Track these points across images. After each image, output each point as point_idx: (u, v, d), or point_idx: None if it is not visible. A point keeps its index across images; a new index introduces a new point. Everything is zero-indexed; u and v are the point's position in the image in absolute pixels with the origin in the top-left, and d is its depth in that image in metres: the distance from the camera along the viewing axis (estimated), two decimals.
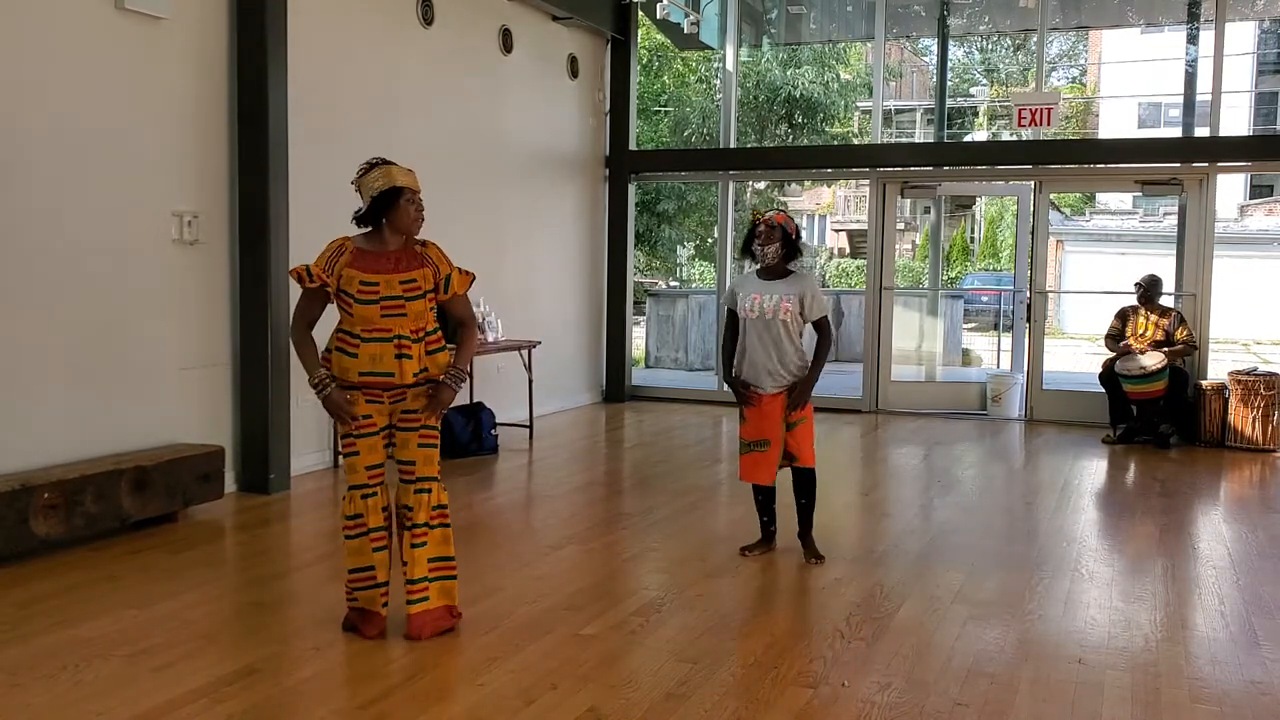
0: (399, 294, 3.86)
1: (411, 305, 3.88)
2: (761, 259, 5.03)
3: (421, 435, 3.97)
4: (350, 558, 4.00)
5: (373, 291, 3.84)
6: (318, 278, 3.88)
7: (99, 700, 3.41)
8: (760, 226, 5.02)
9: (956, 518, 6.15)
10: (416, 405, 3.95)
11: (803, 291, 4.99)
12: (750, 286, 5.08)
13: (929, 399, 10.35)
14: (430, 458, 3.99)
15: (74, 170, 5.46)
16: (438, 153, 8.15)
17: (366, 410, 3.93)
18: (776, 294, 4.99)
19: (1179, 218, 9.81)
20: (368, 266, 3.86)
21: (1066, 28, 22.03)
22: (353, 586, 4.02)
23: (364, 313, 3.84)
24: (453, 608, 4.09)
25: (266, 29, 6.22)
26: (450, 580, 4.07)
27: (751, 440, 5.07)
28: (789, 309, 4.96)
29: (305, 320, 3.96)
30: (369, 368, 3.86)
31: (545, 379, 9.19)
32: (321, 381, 3.87)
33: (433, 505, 3.99)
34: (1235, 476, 7.68)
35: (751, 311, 5.01)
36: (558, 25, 9.79)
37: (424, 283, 3.91)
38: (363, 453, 3.94)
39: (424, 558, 3.97)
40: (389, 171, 3.87)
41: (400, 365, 3.86)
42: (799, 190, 26.55)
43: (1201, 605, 4.63)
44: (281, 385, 6.41)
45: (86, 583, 4.62)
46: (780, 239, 4.99)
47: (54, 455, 5.35)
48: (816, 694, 3.56)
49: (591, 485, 7.06)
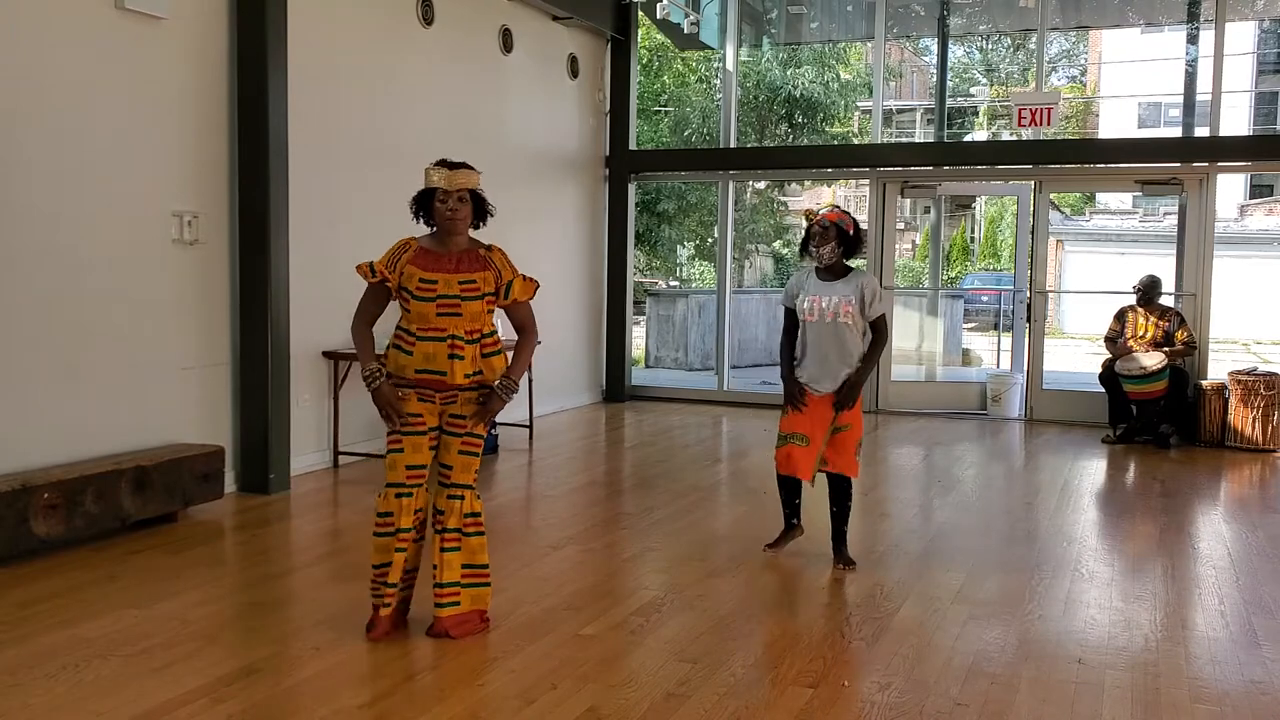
0: (456, 293, 3.87)
1: (468, 306, 3.88)
2: (819, 260, 4.91)
3: (464, 443, 3.97)
4: (375, 554, 3.99)
5: (430, 289, 3.86)
6: (380, 273, 3.92)
7: (99, 700, 3.41)
8: (814, 227, 4.87)
9: (956, 518, 6.15)
10: (465, 411, 3.96)
11: (862, 290, 4.88)
12: (810, 287, 4.96)
13: (929, 399, 10.36)
14: (468, 465, 3.99)
15: (74, 170, 5.46)
16: (437, 153, 8.04)
17: (417, 409, 3.93)
18: (836, 295, 4.88)
19: (1179, 218, 9.81)
20: (429, 265, 3.89)
21: (1066, 28, 22.02)
22: (375, 582, 4.02)
23: (420, 310, 3.86)
24: (484, 613, 4.09)
25: (266, 29, 6.22)
26: (484, 588, 4.06)
27: (788, 432, 4.96)
28: (849, 310, 4.85)
29: (366, 315, 4.02)
30: (423, 365, 3.88)
31: (545, 379, 9.19)
32: (372, 375, 3.89)
33: (465, 512, 3.98)
34: (1235, 476, 7.68)
35: (811, 315, 4.91)
36: (558, 25, 9.79)
37: (483, 285, 3.92)
38: (406, 450, 3.94)
39: (457, 563, 3.97)
40: (427, 172, 3.94)
41: (452, 365, 3.87)
42: (799, 190, 26.55)
43: (1201, 605, 4.63)
44: (281, 385, 6.41)
45: (87, 583, 4.62)
46: (836, 237, 4.85)
47: (54, 455, 5.35)
48: (816, 694, 3.56)
49: (591, 485, 7.06)
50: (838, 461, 4.96)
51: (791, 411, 4.97)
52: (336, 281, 6.42)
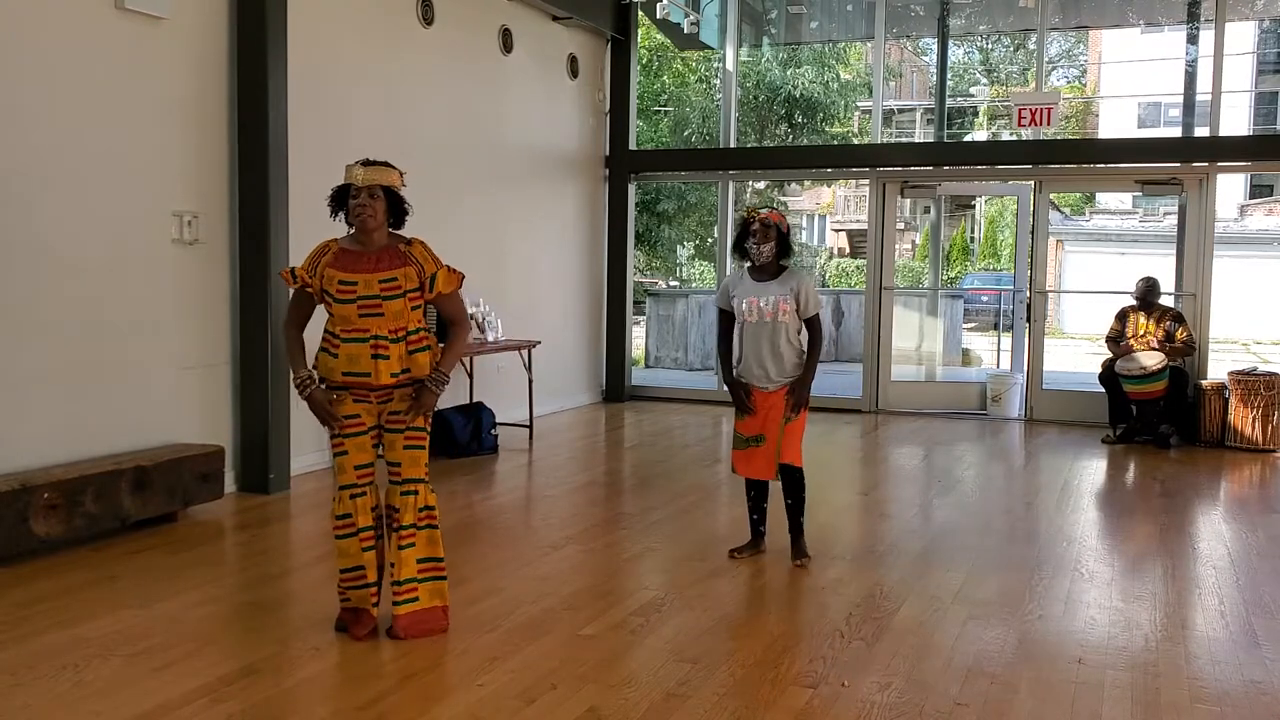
0: (377, 293, 3.84)
1: (389, 305, 3.86)
2: (757, 257, 4.97)
3: (407, 437, 3.95)
4: (340, 558, 4.00)
5: (350, 291, 3.84)
6: (301, 278, 3.91)
7: (99, 700, 3.41)
8: (755, 225, 4.94)
9: (956, 518, 6.15)
10: (402, 407, 3.95)
11: (798, 289, 4.96)
12: (744, 288, 5.02)
13: (929, 399, 10.35)
14: (416, 459, 3.97)
15: (73, 170, 5.46)
16: (437, 152, 8.15)
17: (354, 410, 3.92)
18: (772, 294, 4.95)
19: (1179, 218, 9.81)
20: (348, 266, 3.87)
21: (1066, 28, 22.02)
22: (344, 586, 4.02)
23: (342, 312, 3.85)
24: (445, 608, 4.09)
25: (266, 29, 6.22)
26: (441, 581, 4.06)
27: (747, 435, 5.04)
28: (786, 308, 4.93)
29: (294, 321, 3.99)
30: (348, 368, 3.87)
31: (545, 379, 9.18)
32: (303, 382, 3.89)
33: (419, 506, 3.97)
34: (1235, 476, 7.68)
35: (750, 315, 4.97)
36: (558, 25, 9.79)
37: (405, 282, 3.88)
38: (351, 452, 3.94)
39: (412, 558, 3.97)
40: (347, 168, 3.90)
41: (376, 365, 3.85)
42: (799, 190, 26.55)
43: (1201, 605, 4.63)
44: (281, 385, 6.41)
45: (86, 583, 4.62)
46: (775, 238, 4.94)
47: (54, 455, 5.35)
48: (816, 694, 3.56)
49: (591, 485, 7.06)
50: (785, 452, 5.00)
51: (748, 416, 5.03)
52: None
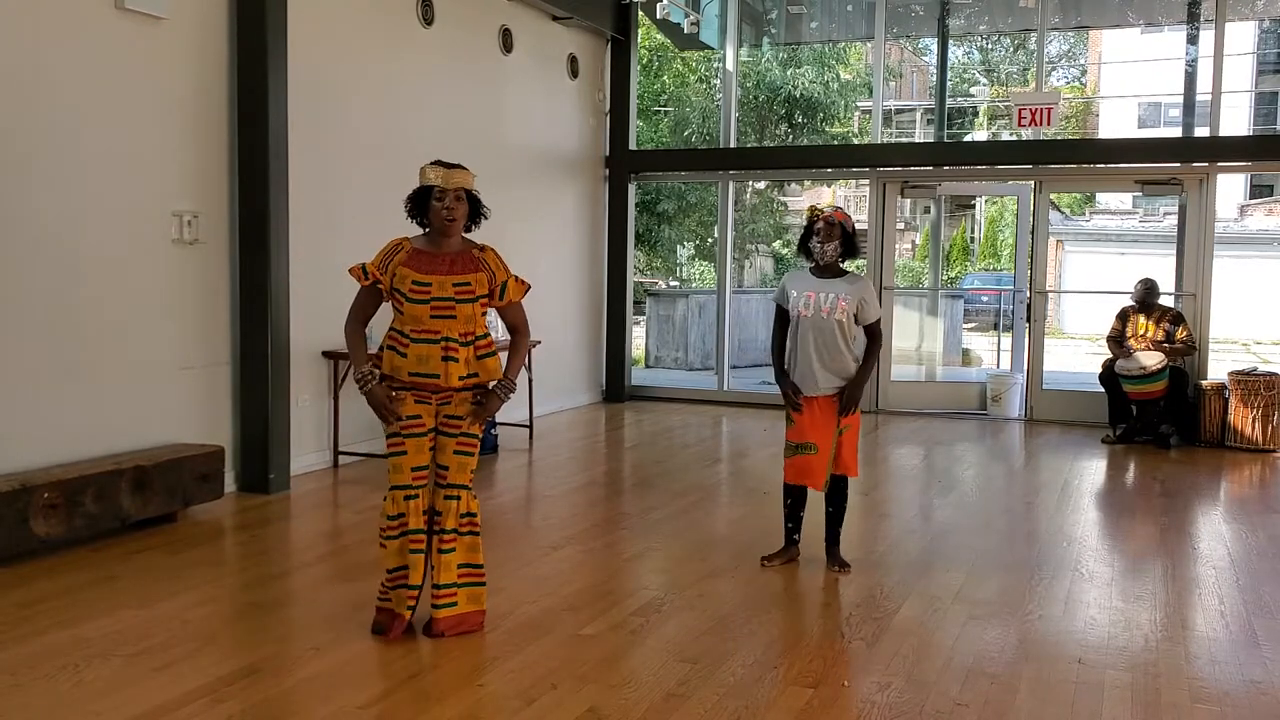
0: (450, 296, 3.86)
1: (462, 308, 3.87)
2: (820, 256, 4.87)
3: (459, 443, 3.96)
4: (388, 558, 3.98)
5: (424, 292, 3.85)
6: (372, 275, 3.92)
7: (99, 700, 3.41)
8: (820, 223, 4.84)
9: (956, 518, 6.15)
10: (460, 411, 3.95)
11: (861, 293, 4.86)
12: (804, 284, 4.92)
13: (929, 399, 10.35)
14: (464, 465, 3.98)
15: (73, 170, 5.46)
16: (437, 152, 8.06)
17: (415, 410, 3.92)
18: (833, 293, 4.84)
19: (1179, 218, 9.82)
20: (422, 267, 3.88)
21: (1066, 28, 22.03)
22: (387, 586, 4.01)
23: (414, 312, 3.85)
24: (482, 613, 4.09)
25: (266, 29, 6.22)
26: (479, 587, 4.06)
27: (798, 443, 4.91)
28: (845, 309, 4.83)
29: (359, 317, 4.02)
30: (417, 368, 3.87)
31: (545, 379, 9.18)
32: (365, 377, 3.87)
33: (461, 512, 3.97)
34: (1235, 476, 7.68)
35: (806, 310, 4.86)
36: (558, 25, 9.79)
37: (478, 287, 3.91)
38: (410, 453, 3.93)
39: (453, 563, 3.97)
40: (423, 170, 3.92)
41: (446, 368, 3.86)
42: (799, 190, 26.54)
43: (1201, 605, 4.63)
44: (281, 385, 6.41)
45: (86, 583, 4.62)
46: (840, 236, 4.84)
47: (54, 455, 5.35)
48: (816, 694, 3.56)
49: (591, 485, 7.06)
50: (840, 462, 4.93)
51: (799, 421, 4.90)
52: (336, 281, 6.40)
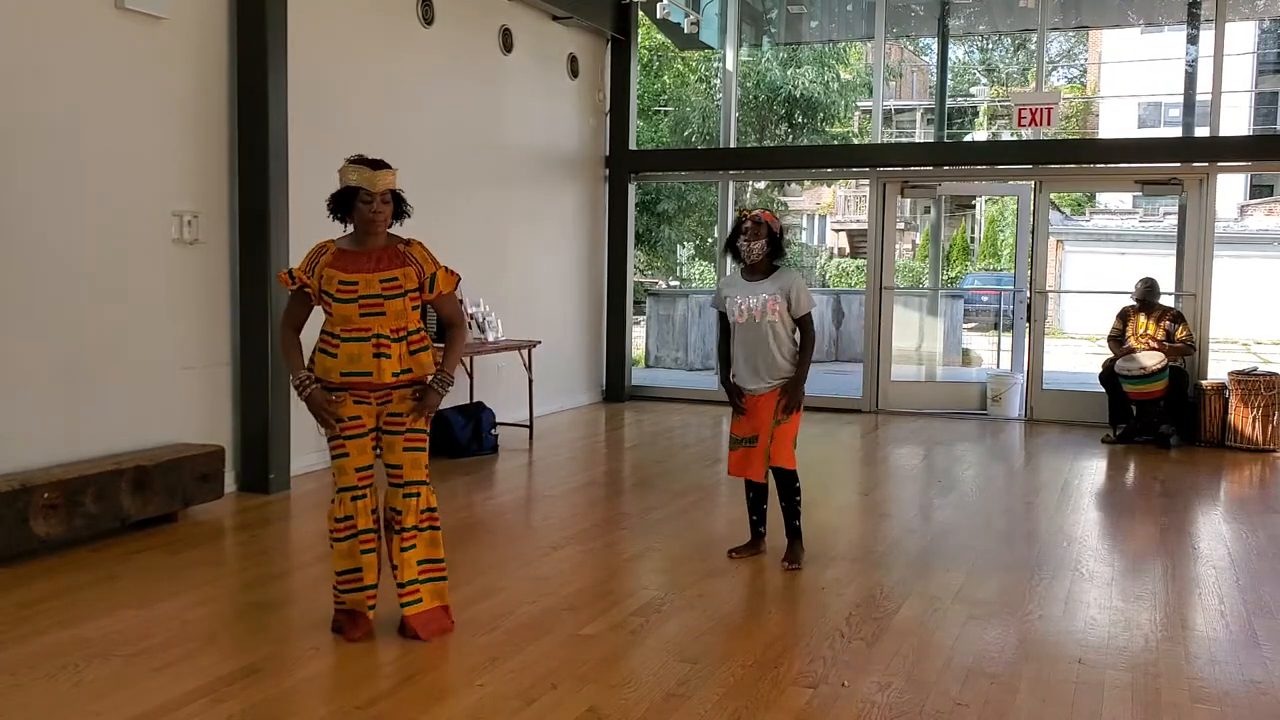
0: (378, 292, 3.84)
1: (390, 304, 3.85)
2: (747, 255, 4.96)
3: (407, 439, 3.95)
4: (338, 560, 3.99)
5: (351, 290, 3.83)
6: (299, 279, 3.89)
7: (99, 700, 3.42)
8: (747, 223, 4.94)
9: (956, 518, 6.15)
10: (402, 409, 3.94)
11: (788, 288, 4.94)
12: (736, 289, 5.02)
13: (929, 399, 10.35)
14: (417, 461, 3.97)
15: (74, 170, 5.46)
16: (437, 152, 8.15)
17: (354, 411, 3.91)
18: (763, 294, 4.94)
19: (1179, 218, 9.81)
20: (348, 266, 3.86)
21: (1066, 28, 22.03)
22: (341, 589, 4.01)
23: (342, 311, 3.83)
24: (447, 608, 4.09)
25: (266, 29, 6.22)
26: (441, 582, 4.06)
27: (741, 436, 5.04)
28: (776, 308, 4.91)
29: (291, 322, 3.98)
30: (349, 367, 3.85)
31: (545, 379, 9.18)
32: (303, 382, 3.86)
33: (421, 509, 3.97)
34: (1235, 476, 7.68)
35: (740, 316, 4.97)
36: (558, 25, 9.79)
37: (405, 281, 3.88)
38: (352, 454, 3.92)
39: (413, 560, 3.97)
40: (344, 170, 3.87)
41: (379, 364, 3.84)
42: (799, 190, 26.56)
43: (1201, 605, 4.63)
44: (281, 385, 6.41)
45: (86, 583, 4.62)
46: (766, 235, 4.94)
47: (54, 455, 5.35)
48: (816, 694, 3.56)
49: (591, 485, 7.06)
50: (775, 454, 4.97)
51: (741, 416, 5.03)
52: None
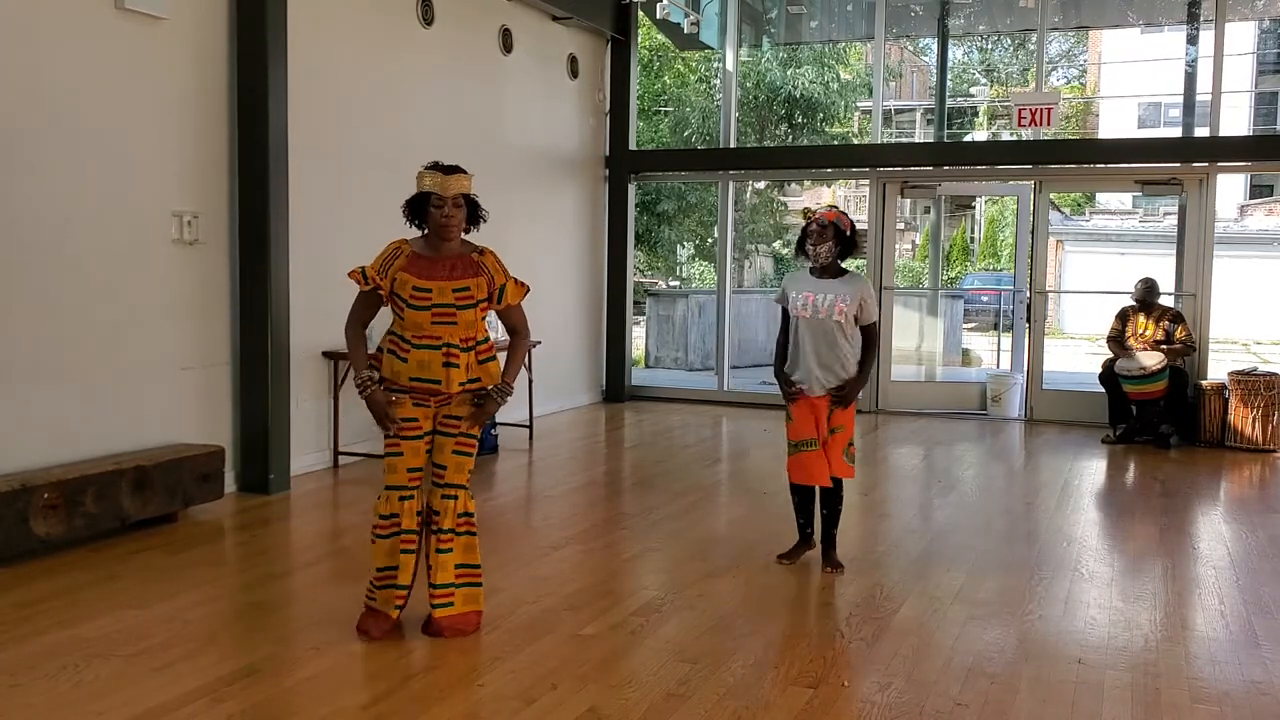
0: (451, 302, 3.85)
1: (463, 314, 3.87)
2: (816, 258, 4.87)
3: (458, 443, 3.97)
4: (377, 556, 3.99)
5: (425, 298, 3.83)
6: (371, 280, 3.90)
7: (99, 700, 3.41)
8: (812, 226, 4.85)
9: (956, 518, 6.15)
10: (460, 412, 3.95)
11: (859, 294, 4.86)
12: (803, 284, 4.93)
13: (929, 399, 10.35)
14: (462, 465, 3.99)
15: (73, 170, 5.46)
16: (437, 153, 8.04)
17: (412, 414, 3.92)
18: (831, 294, 4.84)
19: (1179, 218, 9.81)
20: (422, 272, 3.86)
21: (1066, 28, 22.01)
22: (376, 584, 4.01)
23: (415, 318, 3.84)
24: (479, 613, 4.09)
25: (266, 29, 6.21)
26: (476, 587, 4.06)
27: (797, 440, 4.92)
28: (843, 310, 4.82)
29: (359, 320, 4.01)
30: (418, 373, 3.86)
31: (545, 379, 9.18)
32: (364, 382, 3.87)
33: (458, 512, 3.98)
34: (1235, 476, 7.68)
35: (804, 310, 4.87)
36: (558, 25, 9.79)
37: (477, 291, 3.90)
38: (406, 454, 3.93)
39: (450, 563, 3.97)
40: (420, 175, 3.90)
41: (447, 374, 3.85)
42: (799, 190, 26.54)
43: (1201, 605, 4.63)
44: (281, 385, 6.41)
45: (86, 583, 4.62)
46: (833, 237, 4.83)
47: (54, 455, 5.35)
48: (816, 694, 3.56)
49: (591, 485, 7.06)
50: (830, 463, 4.93)
51: (797, 418, 4.91)
52: (336, 281, 6.40)
